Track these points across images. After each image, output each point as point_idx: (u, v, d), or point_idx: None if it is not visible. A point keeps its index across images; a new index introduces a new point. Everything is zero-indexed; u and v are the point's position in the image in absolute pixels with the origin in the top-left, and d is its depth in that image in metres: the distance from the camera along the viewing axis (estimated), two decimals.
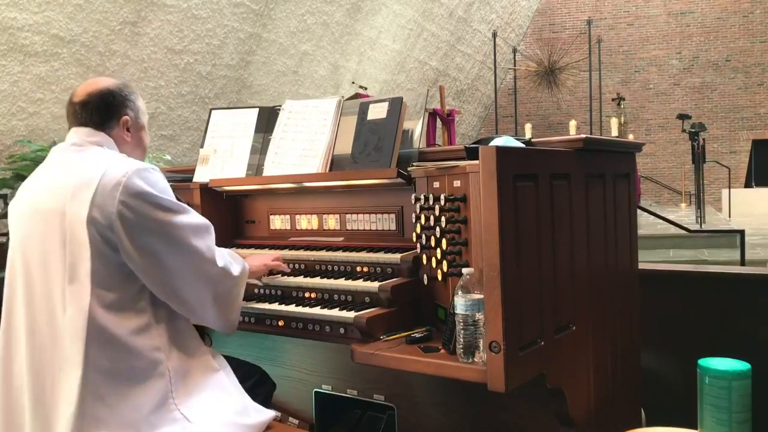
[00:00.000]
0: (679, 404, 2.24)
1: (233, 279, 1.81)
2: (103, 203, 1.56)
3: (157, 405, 1.59)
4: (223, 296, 1.80)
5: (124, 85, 1.85)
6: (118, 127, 1.80)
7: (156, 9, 5.80)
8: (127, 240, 1.57)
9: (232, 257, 1.85)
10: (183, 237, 1.65)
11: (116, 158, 1.68)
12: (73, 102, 1.78)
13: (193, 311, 1.74)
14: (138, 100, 1.87)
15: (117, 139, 1.79)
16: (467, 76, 13.51)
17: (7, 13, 4.67)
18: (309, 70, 8.42)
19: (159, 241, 1.61)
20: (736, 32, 14.15)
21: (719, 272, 2.87)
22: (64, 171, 1.67)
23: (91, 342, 1.54)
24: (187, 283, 1.68)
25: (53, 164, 1.74)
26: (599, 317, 1.97)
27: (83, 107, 1.76)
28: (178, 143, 6.78)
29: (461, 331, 1.61)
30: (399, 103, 2.20)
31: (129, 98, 1.83)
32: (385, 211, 2.27)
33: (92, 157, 1.68)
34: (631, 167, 2.24)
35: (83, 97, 1.77)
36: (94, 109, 1.76)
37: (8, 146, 5.03)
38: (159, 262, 1.62)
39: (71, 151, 1.73)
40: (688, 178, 12.94)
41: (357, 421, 2.40)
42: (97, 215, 1.56)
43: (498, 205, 1.50)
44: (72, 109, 1.78)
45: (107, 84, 1.81)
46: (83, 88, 1.80)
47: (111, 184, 1.57)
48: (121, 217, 1.56)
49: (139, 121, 1.87)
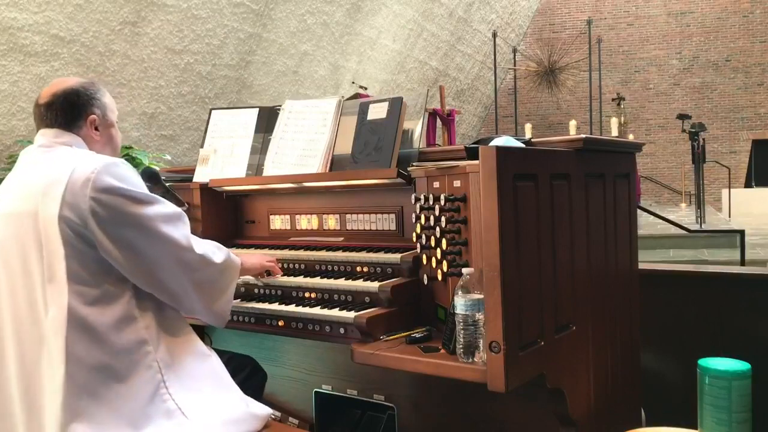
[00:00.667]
0: (679, 404, 2.24)
1: (215, 266, 1.80)
2: (74, 201, 1.56)
3: (149, 396, 1.59)
4: (204, 283, 1.79)
5: (90, 84, 1.83)
6: (86, 126, 1.78)
7: (156, 9, 5.80)
8: (102, 235, 1.57)
9: (217, 248, 1.84)
10: (156, 227, 1.65)
11: (84, 155, 1.68)
12: (39, 104, 1.77)
13: (179, 301, 1.74)
14: (104, 97, 1.84)
15: (86, 139, 1.78)
16: (467, 76, 13.52)
17: (7, 13, 4.67)
18: (309, 70, 8.42)
19: (134, 233, 1.61)
20: (736, 32, 14.15)
21: (719, 272, 2.87)
22: (33, 172, 1.66)
23: (74, 338, 1.53)
24: (166, 272, 1.67)
25: (22, 167, 1.72)
26: (599, 317, 1.97)
27: (48, 108, 1.75)
28: (178, 143, 6.78)
29: (461, 331, 1.61)
30: (399, 103, 2.20)
31: (94, 96, 1.81)
32: (385, 211, 2.27)
33: (60, 157, 1.67)
34: (631, 167, 2.24)
35: (48, 99, 1.76)
36: (59, 110, 1.75)
37: (8, 146, 5.04)
38: (136, 254, 1.62)
39: (39, 153, 1.72)
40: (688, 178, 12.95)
41: (357, 421, 2.40)
42: (68, 213, 1.55)
43: (498, 205, 1.50)
44: (38, 111, 1.77)
45: (71, 84, 1.79)
46: (48, 90, 1.79)
47: (80, 181, 1.57)
48: (93, 213, 1.56)
49: (107, 118, 1.85)
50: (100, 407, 1.54)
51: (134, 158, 4.55)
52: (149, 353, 1.62)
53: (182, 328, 1.76)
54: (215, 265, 1.80)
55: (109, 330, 1.58)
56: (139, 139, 6.28)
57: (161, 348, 1.65)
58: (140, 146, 5.95)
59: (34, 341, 1.59)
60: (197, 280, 1.76)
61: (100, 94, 1.83)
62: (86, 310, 1.56)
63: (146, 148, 6.13)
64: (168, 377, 1.63)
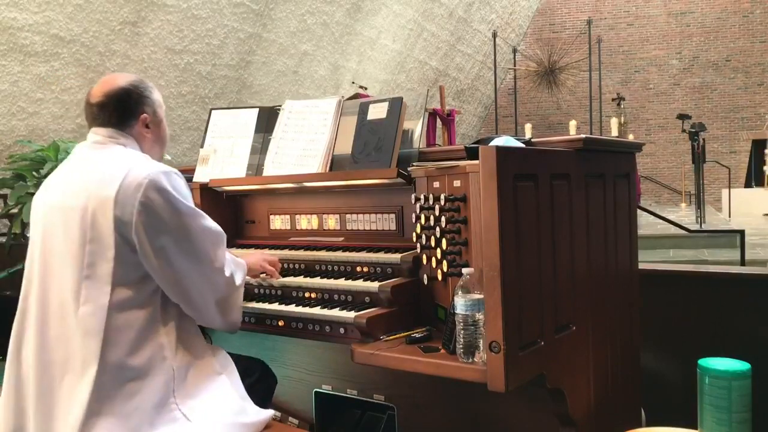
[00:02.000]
0: (679, 404, 2.24)
1: (236, 288, 1.84)
2: (125, 202, 1.59)
3: (158, 403, 1.60)
4: (224, 301, 1.82)
5: (139, 81, 1.85)
6: (138, 124, 1.81)
7: (156, 9, 5.80)
8: (145, 239, 1.60)
9: (235, 264, 1.87)
10: (198, 241, 1.69)
11: (139, 159, 1.71)
12: (91, 103, 1.79)
13: (199, 312, 1.77)
14: (154, 94, 1.87)
15: (137, 137, 1.81)
16: (467, 76, 13.52)
17: (7, 13, 4.67)
18: (309, 70, 8.42)
19: (174, 243, 1.64)
20: (736, 32, 14.15)
21: (719, 272, 2.87)
22: (87, 168, 1.69)
23: (106, 339, 1.56)
24: (195, 287, 1.71)
25: (76, 161, 1.76)
26: (599, 317, 1.97)
27: (101, 109, 1.77)
28: (178, 143, 6.78)
29: (461, 331, 1.61)
30: (399, 103, 2.20)
31: (144, 94, 1.83)
32: (385, 211, 2.27)
33: (115, 156, 1.70)
34: (631, 167, 2.24)
35: (100, 98, 1.78)
36: (113, 111, 1.77)
37: (8, 146, 5.04)
38: (170, 262, 1.64)
39: (93, 149, 1.75)
40: (688, 178, 12.95)
41: (357, 421, 2.40)
42: (119, 214, 1.58)
43: (498, 205, 1.50)
44: (90, 111, 1.79)
45: (122, 83, 1.81)
46: (99, 88, 1.80)
47: (134, 184, 1.60)
48: (139, 216, 1.59)
49: (158, 115, 1.88)
50: (111, 409, 1.56)
51: None
52: (166, 359, 1.64)
53: (198, 341, 1.78)
54: (237, 287, 1.84)
55: (137, 334, 1.61)
56: None
57: (178, 357, 1.67)
58: None
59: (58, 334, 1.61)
60: (219, 298, 1.79)
61: (149, 91, 1.85)
62: (120, 313, 1.59)
63: None
64: (178, 387, 1.65)
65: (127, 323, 1.59)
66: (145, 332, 1.62)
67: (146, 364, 1.61)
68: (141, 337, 1.61)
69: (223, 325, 1.88)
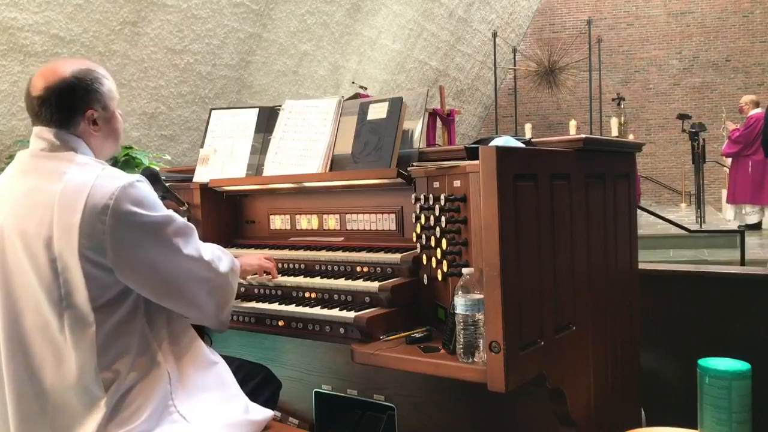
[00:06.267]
0: (679, 404, 2.24)
1: (222, 276, 1.80)
2: (92, 230, 1.50)
3: (156, 408, 1.59)
4: (216, 291, 1.79)
5: (87, 70, 1.66)
6: (84, 121, 1.64)
7: (156, 9, 5.80)
8: (123, 261, 1.54)
9: (221, 251, 1.84)
10: (176, 246, 1.64)
11: (95, 172, 1.56)
12: (31, 95, 1.62)
13: (195, 310, 1.75)
14: (104, 85, 1.68)
15: (83, 135, 1.65)
16: (467, 76, 13.51)
17: (7, 13, 4.67)
18: (309, 70, 8.41)
19: (154, 254, 1.60)
20: (736, 32, 14.14)
21: (719, 272, 2.87)
22: (41, 187, 1.56)
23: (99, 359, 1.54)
24: (185, 285, 1.69)
25: (24, 174, 1.61)
26: (599, 317, 1.97)
27: (42, 104, 1.60)
28: (178, 143, 6.78)
29: (461, 331, 1.61)
30: (399, 103, 2.20)
31: (92, 86, 1.64)
32: (385, 211, 2.27)
33: (68, 171, 1.56)
34: (631, 167, 2.24)
35: (41, 92, 1.60)
36: (54, 107, 1.60)
37: (8, 146, 5.04)
38: (157, 272, 1.61)
39: (43, 158, 1.60)
40: (688, 178, 12.93)
41: (357, 421, 2.40)
42: (87, 245, 1.50)
43: (498, 205, 1.51)
44: (30, 104, 1.63)
45: (64, 74, 1.62)
46: (40, 79, 1.62)
47: (98, 208, 1.50)
48: (113, 240, 1.51)
49: (108, 109, 1.69)
50: (113, 417, 1.54)
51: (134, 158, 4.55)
52: (160, 364, 1.63)
53: (189, 337, 1.76)
54: (222, 274, 1.80)
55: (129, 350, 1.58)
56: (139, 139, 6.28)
57: (171, 359, 1.66)
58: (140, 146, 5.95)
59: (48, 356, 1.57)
60: (210, 288, 1.76)
61: (98, 83, 1.66)
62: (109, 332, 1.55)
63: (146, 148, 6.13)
64: (175, 388, 1.63)
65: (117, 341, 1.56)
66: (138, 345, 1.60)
67: (144, 379, 1.59)
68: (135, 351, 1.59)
69: (216, 322, 1.85)
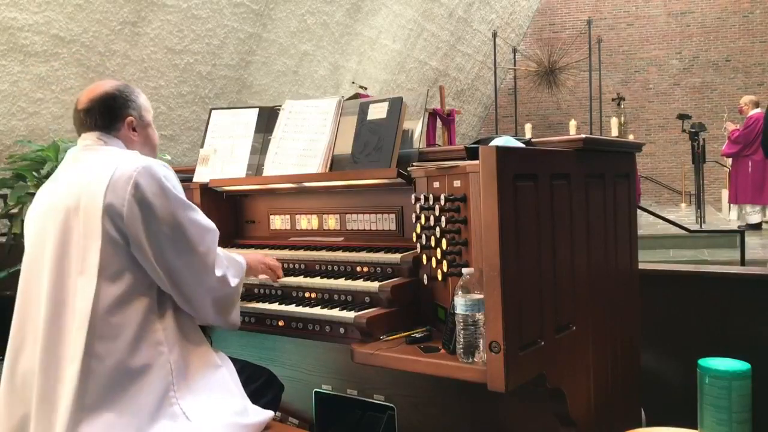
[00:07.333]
0: (679, 404, 2.24)
1: (231, 287, 1.85)
2: (115, 196, 1.62)
3: (158, 398, 1.61)
4: (220, 300, 1.83)
5: (124, 86, 1.90)
6: (124, 128, 1.86)
7: (156, 9, 5.80)
8: (137, 230, 1.62)
9: (228, 262, 1.87)
10: (186, 232, 1.70)
11: (127, 155, 1.76)
12: (78, 110, 1.85)
13: (195, 308, 1.77)
14: (139, 98, 1.92)
15: (125, 140, 1.86)
16: (467, 76, 13.51)
17: (7, 13, 4.67)
18: (309, 70, 8.41)
19: (165, 232, 1.66)
20: (736, 32, 14.13)
21: (719, 272, 2.86)
22: (78, 169, 1.74)
23: (94, 333, 1.57)
24: (185, 278, 1.71)
25: (67, 165, 1.81)
26: (599, 317, 1.97)
27: (87, 113, 1.83)
28: (178, 143, 6.78)
29: (461, 331, 1.61)
30: (399, 103, 2.20)
31: (130, 98, 1.89)
32: (385, 211, 2.27)
33: (104, 156, 1.76)
34: (631, 167, 2.24)
35: (86, 104, 1.84)
36: (98, 114, 1.83)
37: (8, 146, 5.04)
38: (162, 252, 1.66)
39: (83, 152, 1.80)
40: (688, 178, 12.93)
41: (357, 421, 2.40)
42: (109, 208, 1.61)
43: (498, 205, 1.51)
44: (78, 117, 1.86)
45: (107, 88, 1.87)
46: (85, 95, 1.86)
47: (123, 179, 1.63)
48: (131, 209, 1.62)
49: (144, 118, 1.93)
50: (111, 404, 1.56)
51: None
52: (163, 353, 1.65)
53: (196, 334, 1.79)
54: (232, 288, 1.85)
55: (131, 329, 1.61)
56: None
57: (175, 350, 1.68)
58: None
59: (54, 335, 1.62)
60: (215, 297, 1.80)
61: (134, 95, 1.90)
62: (111, 307, 1.60)
63: None
64: (177, 380, 1.66)
65: (123, 320, 1.60)
66: (142, 329, 1.63)
67: (145, 361, 1.61)
68: (138, 333, 1.62)
69: (222, 324, 1.89)
